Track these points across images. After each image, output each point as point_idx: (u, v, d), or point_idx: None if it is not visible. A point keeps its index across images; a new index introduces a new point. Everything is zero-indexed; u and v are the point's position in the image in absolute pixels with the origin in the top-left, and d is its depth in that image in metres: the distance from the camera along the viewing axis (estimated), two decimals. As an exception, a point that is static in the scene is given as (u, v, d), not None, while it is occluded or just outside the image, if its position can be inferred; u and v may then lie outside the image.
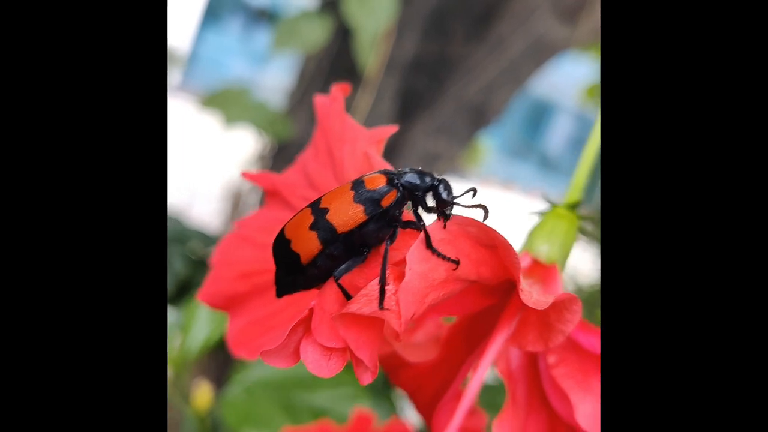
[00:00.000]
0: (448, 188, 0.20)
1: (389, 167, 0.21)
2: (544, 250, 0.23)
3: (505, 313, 0.22)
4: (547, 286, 0.22)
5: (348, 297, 0.18)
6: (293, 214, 0.22)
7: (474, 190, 0.21)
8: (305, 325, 0.18)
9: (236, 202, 0.99)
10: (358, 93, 0.81)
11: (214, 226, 1.04)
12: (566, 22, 0.84)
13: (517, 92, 0.87)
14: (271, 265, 0.23)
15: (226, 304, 0.24)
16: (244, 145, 1.02)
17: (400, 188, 0.20)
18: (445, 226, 0.19)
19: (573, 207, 0.24)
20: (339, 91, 0.23)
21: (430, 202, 0.20)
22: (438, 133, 0.88)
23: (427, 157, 0.87)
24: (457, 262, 0.18)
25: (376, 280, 0.18)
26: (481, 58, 0.86)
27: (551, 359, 0.22)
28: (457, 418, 0.22)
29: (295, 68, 0.96)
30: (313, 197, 0.23)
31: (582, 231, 0.25)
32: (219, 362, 0.82)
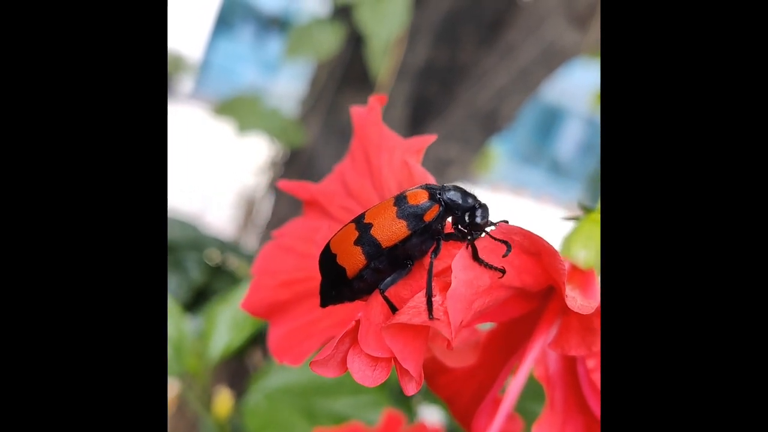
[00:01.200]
0: (485, 215, 0.21)
1: (430, 177, 0.22)
2: (582, 256, 0.23)
3: (544, 318, 0.22)
4: (586, 290, 0.23)
5: (393, 309, 0.19)
6: (334, 225, 0.22)
7: (506, 222, 0.21)
8: (352, 336, 0.18)
9: (249, 209, 0.99)
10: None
11: (228, 233, 1.04)
12: (577, 28, 0.84)
13: (529, 98, 0.87)
14: (312, 274, 0.23)
15: (268, 313, 0.24)
16: (256, 152, 1.03)
17: (442, 204, 0.20)
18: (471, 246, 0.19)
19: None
20: (376, 101, 0.23)
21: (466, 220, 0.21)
22: (449, 139, 0.88)
23: (439, 163, 0.87)
24: (503, 271, 0.19)
25: (422, 292, 0.18)
26: (492, 64, 0.86)
27: (590, 363, 0.22)
28: (497, 423, 0.22)
29: (307, 75, 0.97)
30: (353, 206, 0.24)
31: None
32: (232, 371, 0.83)
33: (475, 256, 0.19)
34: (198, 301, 0.67)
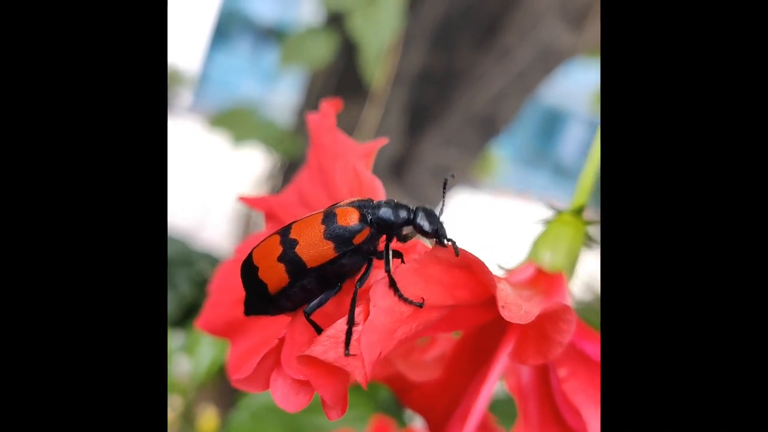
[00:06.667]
0: (427, 216, 0.19)
1: (377, 183, 0.20)
2: (548, 258, 0.22)
3: (510, 327, 0.21)
4: (551, 296, 0.22)
5: (319, 330, 0.18)
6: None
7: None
8: (275, 355, 0.17)
9: (247, 223, 0.98)
10: (366, 108, 0.81)
11: (226, 247, 1.03)
12: (573, 28, 0.83)
13: (527, 101, 0.87)
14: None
15: (226, 331, 0.23)
16: (254, 164, 1.02)
17: (374, 225, 0.19)
18: (444, 246, 0.18)
19: (578, 212, 0.24)
20: (329, 106, 0.22)
21: (406, 231, 0.20)
22: (448, 145, 0.87)
23: (438, 169, 0.86)
24: (420, 305, 0.17)
25: (344, 320, 0.17)
26: (488, 68, 0.85)
27: (562, 373, 0.21)
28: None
29: (303, 86, 0.96)
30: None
31: (590, 236, 0.24)
32: (227, 385, 0.82)
33: (392, 286, 0.17)
34: (188, 316, 0.66)
